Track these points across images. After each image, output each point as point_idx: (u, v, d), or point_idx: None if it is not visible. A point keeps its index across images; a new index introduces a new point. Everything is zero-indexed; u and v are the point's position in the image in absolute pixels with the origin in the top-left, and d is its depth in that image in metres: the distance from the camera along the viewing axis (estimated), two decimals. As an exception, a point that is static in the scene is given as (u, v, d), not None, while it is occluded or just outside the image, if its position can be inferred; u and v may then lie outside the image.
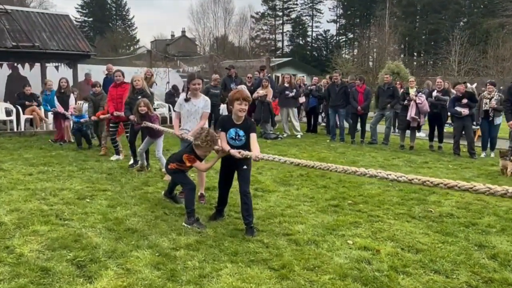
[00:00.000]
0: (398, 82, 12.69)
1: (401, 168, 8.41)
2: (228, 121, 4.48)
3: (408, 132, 11.02)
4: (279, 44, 64.76)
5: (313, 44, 65.58)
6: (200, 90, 5.55)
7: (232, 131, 4.41)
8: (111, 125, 8.21)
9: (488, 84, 10.38)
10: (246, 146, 4.39)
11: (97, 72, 14.11)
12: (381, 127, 11.76)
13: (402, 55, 38.91)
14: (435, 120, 10.84)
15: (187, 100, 5.55)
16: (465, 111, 9.67)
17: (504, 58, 27.86)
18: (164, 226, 4.57)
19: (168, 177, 6.68)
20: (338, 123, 12.06)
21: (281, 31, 64.82)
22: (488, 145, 10.18)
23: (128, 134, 7.64)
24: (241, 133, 4.40)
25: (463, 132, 10.04)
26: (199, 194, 5.50)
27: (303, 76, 16.25)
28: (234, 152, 4.27)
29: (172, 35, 57.50)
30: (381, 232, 4.64)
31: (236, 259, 3.82)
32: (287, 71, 21.96)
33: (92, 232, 4.31)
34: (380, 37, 34.94)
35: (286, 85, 12.50)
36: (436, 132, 10.99)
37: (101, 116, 8.59)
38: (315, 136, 12.83)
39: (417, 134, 11.34)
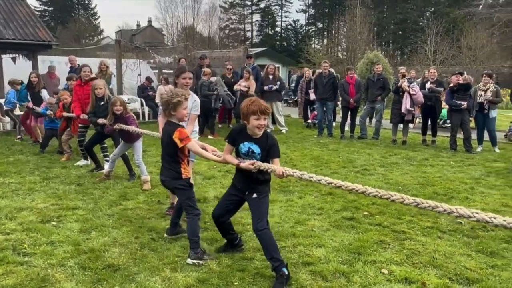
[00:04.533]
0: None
1: (402, 166, 7.75)
2: (240, 133, 3.44)
3: (400, 126, 10.41)
4: (249, 34, 63.72)
5: (282, 34, 64.84)
6: (190, 86, 4.60)
7: (244, 146, 3.42)
8: (80, 128, 7.14)
9: (484, 75, 9.86)
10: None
11: (59, 64, 12.82)
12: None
13: (371, 45, 38.77)
14: (428, 113, 10.25)
15: None
16: (464, 103, 9.12)
17: (476, 48, 27.93)
18: (154, 259, 3.64)
19: (148, 186, 5.78)
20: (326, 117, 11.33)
21: (250, 21, 63.77)
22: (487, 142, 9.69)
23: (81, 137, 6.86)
24: (257, 149, 3.37)
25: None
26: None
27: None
28: (246, 164, 3.33)
29: (138, 25, 55.48)
30: (416, 255, 3.88)
31: (253, 306, 2.97)
32: (262, 62, 21.10)
33: (61, 273, 3.34)
34: (351, 26, 34.46)
35: (270, 77, 11.64)
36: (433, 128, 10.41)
37: (64, 114, 7.49)
38: (301, 131, 12.05)
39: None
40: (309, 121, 13.00)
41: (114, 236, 4.12)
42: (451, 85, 9.56)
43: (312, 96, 12.37)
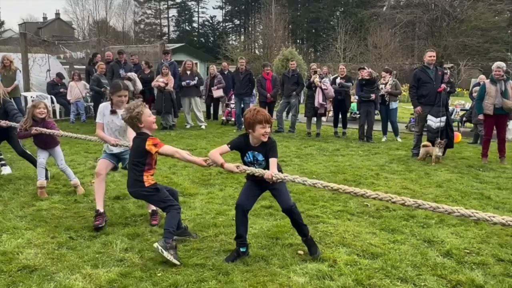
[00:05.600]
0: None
1: (316, 157, 8.24)
2: (244, 143, 3.60)
3: (314, 119, 10.97)
4: (165, 30, 62.47)
5: (200, 30, 64.50)
6: (126, 102, 4.47)
7: (249, 155, 3.60)
8: None
9: (383, 72, 10.75)
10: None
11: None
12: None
13: (286, 42, 40.00)
14: (339, 106, 10.94)
15: (112, 112, 4.49)
16: (372, 95, 9.89)
17: (381, 46, 30.08)
18: (73, 257, 3.58)
19: (81, 190, 5.40)
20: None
21: (166, 16, 62.56)
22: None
23: None
24: (260, 157, 3.58)
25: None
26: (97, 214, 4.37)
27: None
28: (231, 166, 3.49)
29: (45, 18, 51.84)
30: (328, 236, 4.22)
31: (177, 293, 3.06)
32: (180, 58, 20.89)
33: (-30, 279, 3.17)
34: (267, 24, 35.31)
35: (188, 72, 11.63)
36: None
37: None
38: (221, 127, 12.21)
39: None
40: (223, 118, 13.07)
41: (28, 237, 3.95)
42: (359, 78, 10.31)
43: (216, 93, 12.55)
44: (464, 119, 11.76)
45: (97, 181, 4.46)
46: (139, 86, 11.18)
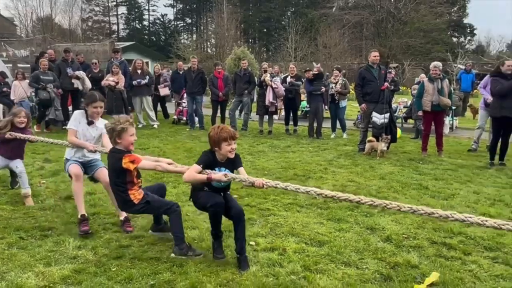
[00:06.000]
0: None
1: (268, 153, 8.46)
2: (212, 159, 3.57)
3: (266, 117, 11.21)
4: (114, 27, 60.89)
5: (150, 29, 63.40)
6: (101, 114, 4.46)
7: (217, 171, 3.54)
8: None
9: (334, 70, 11.17)
10: (229, 187, 3.79)
11: None
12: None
13: (239, 41, 40.26)
14: (290, 105, 11.23)
15: (90, 123, 4.46)
16: (323, 88, 10.28)
17: (330, 46, 30.98)
18: (25, 256, 3.56)
19: (30, 202, 4.99)
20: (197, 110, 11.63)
21: (115, 13, 60.97)
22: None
23: None
24: (229, 172, 3.56)
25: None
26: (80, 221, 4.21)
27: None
28: (219, 176, 3.42)
29: (-17, 13, 48.93)
30: (278, 227, 4.43)
31: (132, 287, 3.14)
32: (130, 56, 20.56)
33: None
34: (219, 23, 35.35)
35: (139, 71, 11.52)
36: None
37: None
38: (173, 126, 12.20)
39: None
40: (175, 117, 13.04)
41: (-25, 239, 3.87)
42: (308, 77, 10.65)
43: (163, 91, 12.54)
44: (403, 115, 12.44)
45: (76, 184, 4.30)
46: (88, 85, 10.97)
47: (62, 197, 5.24)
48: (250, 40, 57.93)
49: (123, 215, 4.32)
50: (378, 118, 8.48)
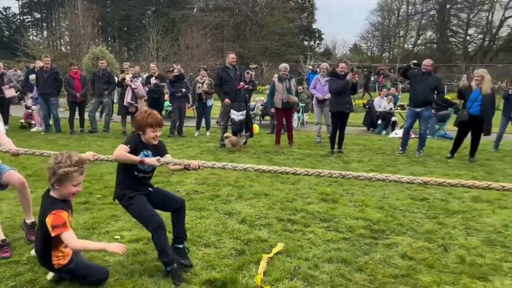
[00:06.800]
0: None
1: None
2: (139, 141, 3.49)
3: (129, 118, 11.13)
4: None
5: (-9, 23, 56.38)
6: None
7: (143, 154, 3.47)
8: None
9: (201, 70, 11.61)
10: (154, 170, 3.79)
11: None
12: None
13: (96, 40, 38.20)
14: (154, 105, 11.29)
15: None
16: (183, 90, 10.64)
17: (192, 46, 31.46)
18: None
19: None
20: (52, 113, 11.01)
21: None
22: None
23: None
24: (151, 156, 3.51)
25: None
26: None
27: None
28: (152, 160, 3.38)
29: None
30: (143, 220, 4.64)
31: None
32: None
33: None
34: (73, 19, 33.17)
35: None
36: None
37: None
38: (23, 131, 11.33)
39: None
40: (22, 121, 12.07)
41: None
42: (170, 78, 10.91)
43: (8, 93, 11.63)
44: (260, 112, 13.53)
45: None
46: None
47: None
48: (110, 39, 55.38)
49: (31, 219, 4.10)
50: (236, 115, 9.15)
